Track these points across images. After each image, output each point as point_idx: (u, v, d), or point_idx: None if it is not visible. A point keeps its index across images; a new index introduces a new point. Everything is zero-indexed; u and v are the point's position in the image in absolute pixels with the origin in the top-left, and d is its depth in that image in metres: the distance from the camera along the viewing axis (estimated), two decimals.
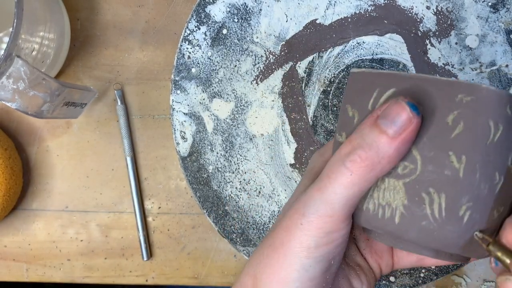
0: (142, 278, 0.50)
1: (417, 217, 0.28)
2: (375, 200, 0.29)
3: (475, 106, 0.27)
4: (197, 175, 0.47)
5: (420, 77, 0.28)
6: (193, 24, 0.46)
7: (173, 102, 0.47)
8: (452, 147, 0.27)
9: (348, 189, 0.28)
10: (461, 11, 0.45)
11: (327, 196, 0.29)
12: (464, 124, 0.27)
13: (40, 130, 0.51)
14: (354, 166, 0.28)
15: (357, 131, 0.28)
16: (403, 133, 0.27)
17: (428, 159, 0.28)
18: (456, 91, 0.27)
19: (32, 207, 0.51)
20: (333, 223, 0.29)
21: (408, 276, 0.46)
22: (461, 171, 0.27)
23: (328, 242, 0.29)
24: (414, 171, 0.28)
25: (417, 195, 0.28)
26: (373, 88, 0.30)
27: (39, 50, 0.43)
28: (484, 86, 0.27)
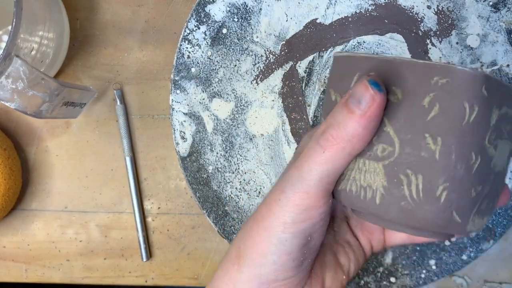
0: (141, 279, 0.50)
1: (396, 198, 0.29)
2: (357, 181, 0.30)
3: (450, 88, 0.27)
4: (197, 175, 0.47)
5: (398, 60, 0.29)
6: (192, 24, 0.46)
7: (173, 102, 0.47)
8: (428, 129, 0.28)
9: (322, 166, 0.30)
10: (462, 10, 0.45)
11: (303, 173, 0.30)
12: (439, 106, 0.28)
13: (39, 130, 0.50)
14: (326, 144, 0.29)
15: (332, 112, 0.30)
16: (368, 111, 0.28)
17: (406, 142, 0.28)
18: (432, 74, 0.28)
19: (31, 207, 0.51)
20: (309, 200, 0.30)
21: (408, 277, 0.46)
22: (437, 152, 0.28)
23: (305, 219, 0.31)
24: (393, 153, 0.29)
25: (395, 176, 0.29)
26: (354, 71, 0.30)
27: (38, 50, 0.43)
28: (458, 68, 0.27)
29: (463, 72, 0.27)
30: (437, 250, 0.46)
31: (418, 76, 0.28)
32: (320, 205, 0.31)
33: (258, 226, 0.32)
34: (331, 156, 0.29)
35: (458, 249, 0.46)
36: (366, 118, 0.28)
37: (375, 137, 0.29)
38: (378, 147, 0.29)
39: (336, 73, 0.32)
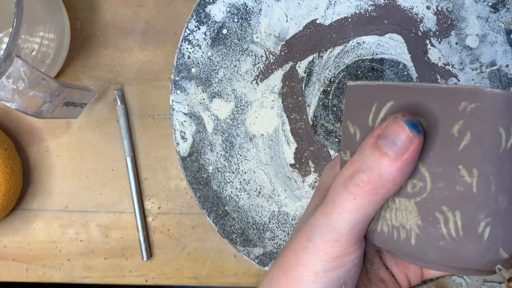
0: (142, 278, 0.50)
1: (433, 238, 0.27)
2: (388, 221, 0.28)
3: (481, 114, 0.25)
4: (197, 175, 0.47)
5: (419, 86, 0.27)
6: (193, 24, 0.46)
7: (173, 102, 0.47)
8: (461, 160, 0.25)
9: (353, 213, 0.27)
10: (461, 11, 0.45)
11: (332, 221, 0.28)
12: (471, 134, 0.25)
13: (40, 130, 0.51)
14: (357, 191, 0.27)
15: (358, 152, 0.28)
16: (405, 154, 0.26)
17: (437, 176, 0.26)
18: (459, 99, 0.25)
19: (32, 207, 0.51)
20: (340, 247, 0.28)
21: None
22: (474, 185, 0.25)
23: (337, 267, 0.29)
24: (424, 189, 0.27)
25: (430, 214, 0.27)
26: (371, 102, 0.28)
27: (39, 50, 0.43)
28: (488, 90, 0.25)
29: (493, 94, 0.25)
30: None
31: (443, 102, 0.26)
32: (353, 251, 0.29)
33: (286, 276, 0.30)
34: (362, 203, 0.27)
35: None
36: (402, 162, 0.26)
37: None
38: (408, 183, 0.27)
39: (351, 103, 0.30)
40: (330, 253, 0.28)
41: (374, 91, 0.28)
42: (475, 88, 0.25)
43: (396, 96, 0.28)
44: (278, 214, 0.47)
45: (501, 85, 0.45)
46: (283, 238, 0.47)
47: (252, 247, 0.47)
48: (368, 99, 0.29)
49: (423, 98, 0.27)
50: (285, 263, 0.30)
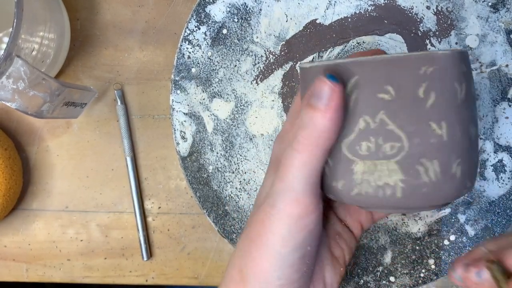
0: (142, 278, 0.50)
1: (417, 187, 0.30)
2: (371, 183, 0.31)
3: (440, 74, 0.29)
4: (197, 175, 0.47)
5: (379, 59, 0.29)
6: (193, 24, 0.46)
7: (173, 102, 0.47)
8: (431, 116, 0.29)
9: (303, 169, 0.30)
10: (461, 11, 0.45)
11: (288, 182, 0.30)
12: (435, 93, 0.29)
13: (40, 130, 0.51)
14: (300, 146, 0.30)
15: (300, 115, 0.30)
16: (331, 103, 0.29)
17: (412, 134, 0.29)
18: (418, 64, 0.29)
19: (32, 207, 0.51)
20: (300, 207, 0.30)
21: (408, 276, 0.46)
22: (444, 135, 0.29)
23: (301, 229, 0.31)
24: (402, 148, 0.30)
25: (411, 168, 0.30)
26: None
27: (39, 50, 0.43)
28: (440, 53, 0.29)
29: (445, 55, 0.29)
30: (436, 250, 0.46)
31: (405, 70, 0.29)
32: (313, 210, 0.31)
33: (256, 244, 0.32)
34: (308, 157, 0.30)
35: (458, 248, 0.46)
36: (330, 111, 0.29)
37: (380, 137, 0.30)
38: (385, 146, 0.30)
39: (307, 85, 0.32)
40: (293, 214, 0.30)
41: (333, 69, 0.30)
42: (430, 53, 0.29)
43: (359, 71, 0.30)
44: None
45: (501, 85, 0.45)
46: None
47: None
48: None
49: (385, 69, 0.29)
50: (253, 233, 0.32)
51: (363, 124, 0.30)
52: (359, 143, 0.30)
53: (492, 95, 0.45)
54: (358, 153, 0.30)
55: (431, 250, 0.46)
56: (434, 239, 0.46)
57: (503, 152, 0.45)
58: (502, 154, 0.45)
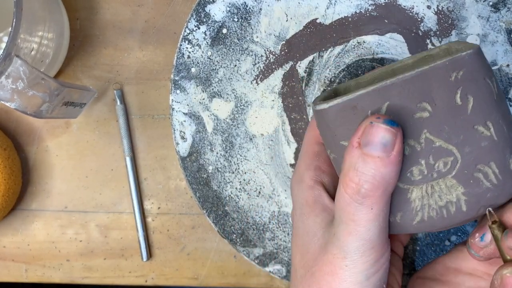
0: (141, 279, 0.50)
1: (481, 195, 0.29)
2: (433, 206, 0.30)
3: (470, 76, 0.28)
4: (196, 175, 0.47)
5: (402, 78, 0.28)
6: (192, 24, 0.46)
7: (173, 102, 0.47)
8: (475, 120, 0.28)
9: (376, 220, 0.29)
10: (461, 10, 0.45)
11: (362, 235, 0.29)
12: (472, 96, 0.28)
13: (39, 130, 0.50)
14: (370, 200, 0.28)
15: (348, 167, 0.29)
16: (394, 149, 0.27)
17: (461, 144, 0.28)
18: (447, 72, 0.28)
19: (31, 207, 0.51)
20: (376, 252, 0.30)
21: (408, 277, 0.46)
22: (493, 135, 0.28)
23: (377, 270, 0.30)
24: (456, 161, 0.29)
25: (470, 178, 0.29)
26: (363, 111, 0.29)
27: (38, 50, 0.43)
28: (463, 54, 0.28)
29: (469, 55, 0.28)
30: (437, 250, 0.46)
31: (436, 81, 0.28)
32: (385, 251, 0.30)
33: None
34: (379, 208, 0.29)
35: None
36: (395, 157, 0.28)
37: (430, 157, 0.29)
38: (438, 164, 0.29)
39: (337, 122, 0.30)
40: (369, 261, 0.30)
41: (360, 101, 0.29)
42: (455, 58, 0.28)
43: (386, 96, 0.28)
44: (278, 214, 0.47)
45: (502, 85, 0.45)
46: (283, 239, 0.47)
47: (252, 247, 0.47)
48: (355, 111, 0.29)
49: (414, 87, 0.28)
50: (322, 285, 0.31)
51: (408, 149, 0.29)
52: (409, 169, 0.29)
53: None
54: (410, 180, 0.29)
55: (432, 251, 0.46)
56: (434, 240, 0.46)
57: None
58: None
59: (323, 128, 0.31)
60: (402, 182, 0.29)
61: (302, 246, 0.34)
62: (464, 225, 0.45)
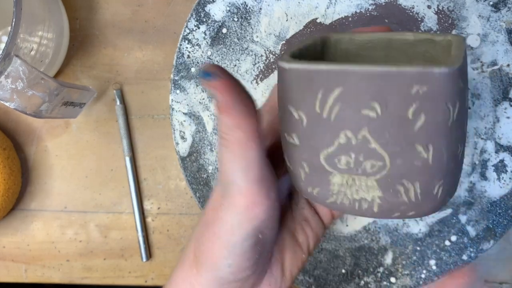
0: (141, 279, 0.50)
1: (394, 205, 0.29)
2: (348, 196, 0.30)
3: (433, 94, 0.26)
4: (196, 175, 0.47)
5: (366, 71, 0.26)
6: (192, 23, 0.46)
7: (173, 102, 0.47)
8: (417, 139, 0.27)
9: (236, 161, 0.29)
10: (462, 10, 0.45)
11: (228, 175, 0.30)
12: (424, 115, 0.26)
13: (39, 130, 0.50)
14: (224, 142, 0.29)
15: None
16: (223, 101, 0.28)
17: (395, 154, 0.28)
18: (410, 83, 0.26)
19: (30, 208, 0.51)
20: (245, 199, 0.30)
21: (409, 277, 0.46)
22: (430, 158, 0.27)
23: (250, 219, 0.30)
24: (383, 167, 0.28)
25: (391, 187, 0.29)
26: (316, 88, 0.28)
27: (37, 50, 0.43)
28: (436, 71, 0.26)
29: (441, 74, 0.26)
30: (437, 250, 0.46)
31: (395, 87, 0.26)
32: (261, 202, 0.30)
33: (208, 231, 0.32)
34: (236, 151, 0.29)
35: (459, 249, 0.45)
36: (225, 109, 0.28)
37: (361, 154, 0.28)
38: (366, 163, 0.28)
39: (291, 87, 0.29)
40: (239, 205, 0.30)
41: (317, 76, 0.28)
42: (426, 71, 0.26)
43: (343, 82, 0.27)
44: None
45: (502, 85, 0.45)
46: None
47: None
48: (310, 84, 0.28)
49: (373, 84, 0.26)
50: (209, 219, 0.32)
51: (344, 139, 0.28)
52: (338, 156, 0.29)
53: (493, 95, 0.45)
54: (336, 166, 0.29)
55: (432, 251, 0.46)
56: (435, 240, 0.46)
57: (504, 152, 0.45)
58: (504, 154, 0.45)
59: (280, 84, 0.30)
60: (328, 164, 0.29)
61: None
62: (465, 226, 0.45)
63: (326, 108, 0.28)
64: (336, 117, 0.28)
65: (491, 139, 0.45)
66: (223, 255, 0.31)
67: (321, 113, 0.28)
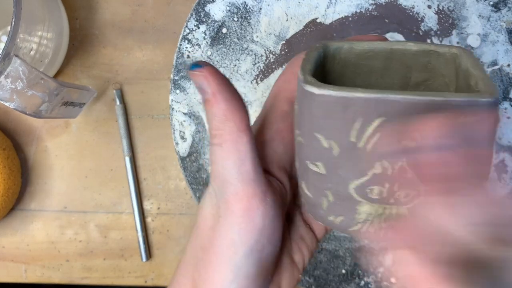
0: (141, 279, 0.50)
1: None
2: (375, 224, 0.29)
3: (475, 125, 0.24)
4: (196, 175, 0.47)
5: (410, 100, 0.25)
6: (192, 23, 0.46)
7: (172, 102, 0.47)
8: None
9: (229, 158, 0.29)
10: (462, 10, 0.45)
11: (220, 175, 0.29)
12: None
13: (39, 130, 0.50)
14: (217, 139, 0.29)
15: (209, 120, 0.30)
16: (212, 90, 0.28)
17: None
18: (456, 115, 0.24)
19: (30, 208, 0.51)
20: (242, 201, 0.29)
21: None
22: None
23: (250, 229, 0.29)
24: (418, 195, 0.27)
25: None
26: (352, 117, 0.26)
27: (37, 50, 0.43)
28: (482, 101, 0.24)
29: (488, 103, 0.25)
30: None
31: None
32: (256, 205, 0.29)
33: (208, 254, 0.30)
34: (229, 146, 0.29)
35: None
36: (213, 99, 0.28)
37: (396, 184, 0.27)
38: (399, 193, 0.27)
39: (320, 113, 0.27)
40: (236, 211, 0.29)
41: (355, 104, 0.25)
42: (471, 101, 0.24)
43: (384, 112, 0.25)
44: None
45: (503, 85, 0.45)
46: None
47: None
48: (345, 111, 0.26)
49: (416, 111, 0.25)
50: (206, 241, 0.30)
51: (379, 169, 0.26)
52: (370, 186, 0.27)
53: None
54: (367, 196, 0.28)
55: None
56: None
57: (505, 152, 0.45)
58: (504, 155, 0.45)
59: (302, 109, 0.28)
60: (358, 194, 0.28)
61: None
62: None
63: (363, 138, 0.26)
64: (374, 147, 0.26)
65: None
66: (228, 278, 0.29)
67: (356, 142, 0.26)
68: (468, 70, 0.30)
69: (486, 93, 0.25)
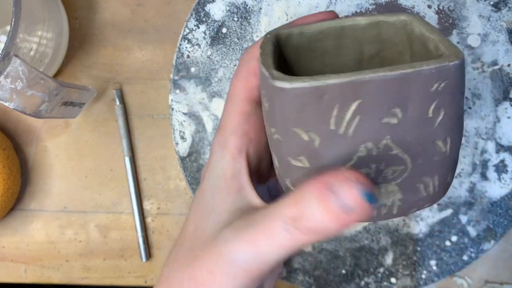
0: (141, 279, 0.50)
1: (414, 202, 0.28)
2: None
3: (450, 89, 0.25)
4: (196, 175, 0.47)
5: (386, 77, 0.24)
6: (192, 23, 0.46)
7: (172, 102, 0.47)
8: (437, 135, 0.26)
9: (285, 251, 0.26)
10: (462, 10, 0.45)
11: (260, 254, 0.27)
12: (444, 110, 0.26)
13: (38, 130, 0.50)
14: (298, 235, 0.26)
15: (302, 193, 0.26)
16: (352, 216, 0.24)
17: (416, 156, 0.27)
18: (432, 81, 0.25)
19: (30, 208, 0.51)
20: (262, 272, 0.27)
21: (409, 278, 0.46)
22: (447, 151, 0.27)
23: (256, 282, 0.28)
24: (405, 170, 0.27)
25: (411, 187, 0.28)
26: (329, 104, 0.25)
27: (37, 50, 0.43)
28: (451, 65, 0.25)
29: (455, 66, 0.25)
30: (437, 251, 0.46)
31: (417, 88, 0.25)
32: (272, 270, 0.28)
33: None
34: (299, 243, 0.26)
35: (459, 249, 0.45)
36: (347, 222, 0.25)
37: (382, 163, 0.27)
38: (387, 170, 0.27)
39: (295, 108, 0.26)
40: (250, 278, 0.27)
41: (329, 91, 0.25)
42: (441, 67, 0.25)
43: (361, 93, 0.25)
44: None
45: (503, 84, 0.45)
46: None
47: None
48: (321, 100, 0.25)
49: (394, 89, 0.25)
50: (199, 279, 0.28)
51: (364, 152, 0.26)
52: (357, 170, 0.26)
53: (494, 95, 0.45)
54: None
55: (433, 251, 0.46)
56: (435, 240, 0.46)
57: (505, 153, 0.45)
58: (504, 155, 0.45)
59: (275, 106, 0.26)
60: None
61: (201, 220, 0.30)
62: (466, 226, 0.45)
63: (343, 124, 0.26)
64: (355, 131, 0.26)
65: (492, 139, 0.45)
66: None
67: (336, 129, 0.26)
68: (424, 35, 0.29)
69: (452, 56, 0.25)
